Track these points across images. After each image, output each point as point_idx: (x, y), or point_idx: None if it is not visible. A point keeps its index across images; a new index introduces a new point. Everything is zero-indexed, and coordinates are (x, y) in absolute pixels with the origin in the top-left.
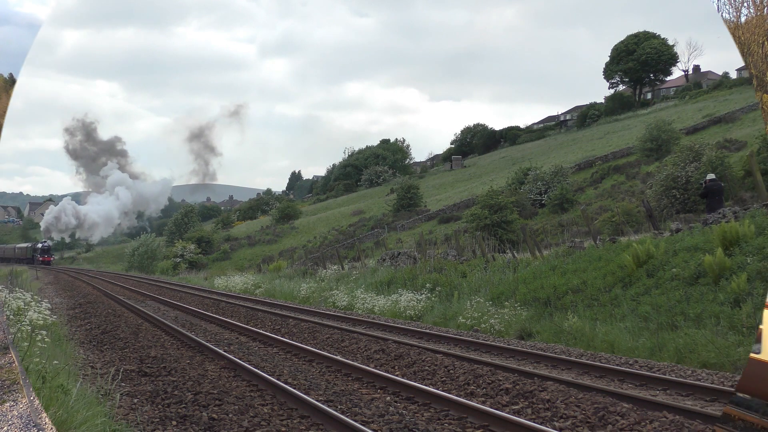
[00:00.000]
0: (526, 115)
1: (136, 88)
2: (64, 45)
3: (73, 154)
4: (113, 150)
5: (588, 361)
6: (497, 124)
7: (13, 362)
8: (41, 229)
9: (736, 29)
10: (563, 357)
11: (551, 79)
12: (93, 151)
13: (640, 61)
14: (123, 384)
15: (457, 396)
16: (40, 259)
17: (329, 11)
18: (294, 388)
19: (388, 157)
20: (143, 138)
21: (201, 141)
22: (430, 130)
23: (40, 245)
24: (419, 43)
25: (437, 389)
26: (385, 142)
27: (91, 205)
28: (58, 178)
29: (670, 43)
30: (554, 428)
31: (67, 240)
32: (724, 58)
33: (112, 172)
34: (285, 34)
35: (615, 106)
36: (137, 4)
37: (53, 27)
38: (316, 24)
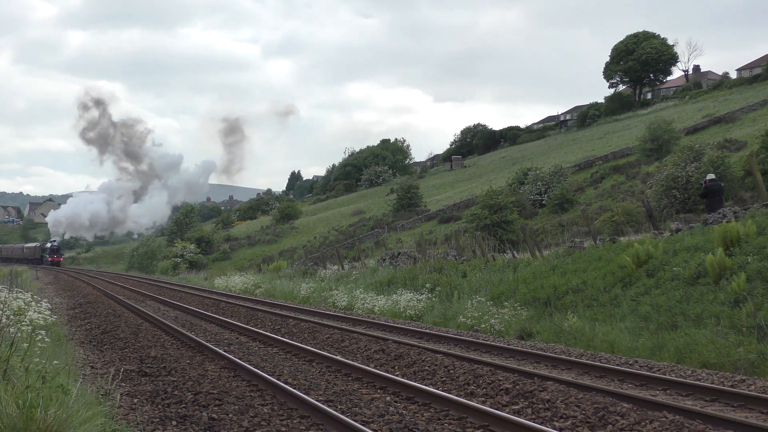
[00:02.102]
0: (527, 115)
1: (139, 89)
2: (67, 45)
3: (84, 135)
4: (135, 132)
5: (588, 361)
6: (499, 124)
7: None
8: (54, 224)
9: None
10: (563, 357)
11: (552, 79)
12: (110, 132)
13: (640, 61)
14: (123, 384)
15: (457, 396)
16: (49, 259)
17: (333, 12)
18: (294, 388)
19: (388, 157)
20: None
21: (236, 135)
22: (433, 131)
23: (48, 245)
24: (423, 44)
25: (437, 389)
26: (385, 142)
27: (144, 201)
28: (60, 178)
29: (670, 43)
30: (554, 428)
31: (106, 237)
32: (724, 58)
33: (155, 149)
34: (289, 34)
35: (615, 106)
36: (142, 5)
37: (57, 27)
38: (320, 25)
